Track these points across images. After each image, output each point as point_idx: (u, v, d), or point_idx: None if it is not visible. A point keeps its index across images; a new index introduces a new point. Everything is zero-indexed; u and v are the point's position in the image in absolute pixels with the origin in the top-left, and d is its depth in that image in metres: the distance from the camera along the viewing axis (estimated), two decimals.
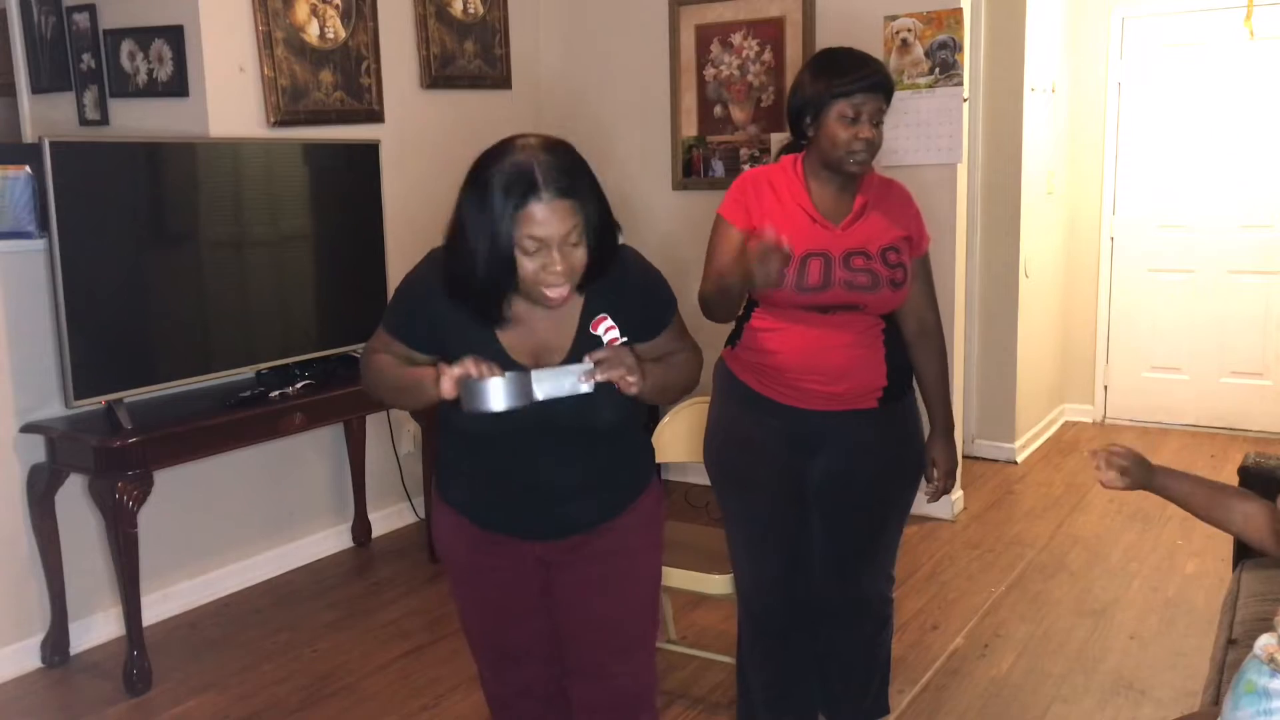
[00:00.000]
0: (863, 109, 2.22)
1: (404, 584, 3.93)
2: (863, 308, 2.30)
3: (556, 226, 1.67)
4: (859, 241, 2.28)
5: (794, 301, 2.28)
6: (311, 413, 3.61)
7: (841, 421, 2.35)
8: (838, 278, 2.26)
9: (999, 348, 5.28)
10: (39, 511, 3.24)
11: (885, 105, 2.26)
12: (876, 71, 2.25)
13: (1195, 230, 5.67)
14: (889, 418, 2.39)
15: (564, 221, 1.68)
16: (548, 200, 1.66)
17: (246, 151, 3.62)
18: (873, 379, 2.34)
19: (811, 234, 2.28)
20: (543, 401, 1.69)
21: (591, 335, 1.83)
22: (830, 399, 2.33)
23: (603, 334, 1.83)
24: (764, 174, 2.37)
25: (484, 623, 2.01)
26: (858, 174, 2.29)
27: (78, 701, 3.15)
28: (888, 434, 2.40)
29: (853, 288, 2.27)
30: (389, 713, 3.01)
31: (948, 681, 3.12)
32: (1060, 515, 4.53)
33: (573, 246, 1.70)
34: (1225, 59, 5.46)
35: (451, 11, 4.56)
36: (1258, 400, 5.62)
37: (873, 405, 2.36)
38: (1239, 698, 1.61)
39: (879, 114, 2.25)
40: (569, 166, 1.71)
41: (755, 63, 4.60)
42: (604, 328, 1.83)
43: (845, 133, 2.22)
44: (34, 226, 3.21)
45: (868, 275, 2.27)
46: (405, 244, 4.30)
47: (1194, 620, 3.46)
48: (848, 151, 2.23)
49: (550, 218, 1.67)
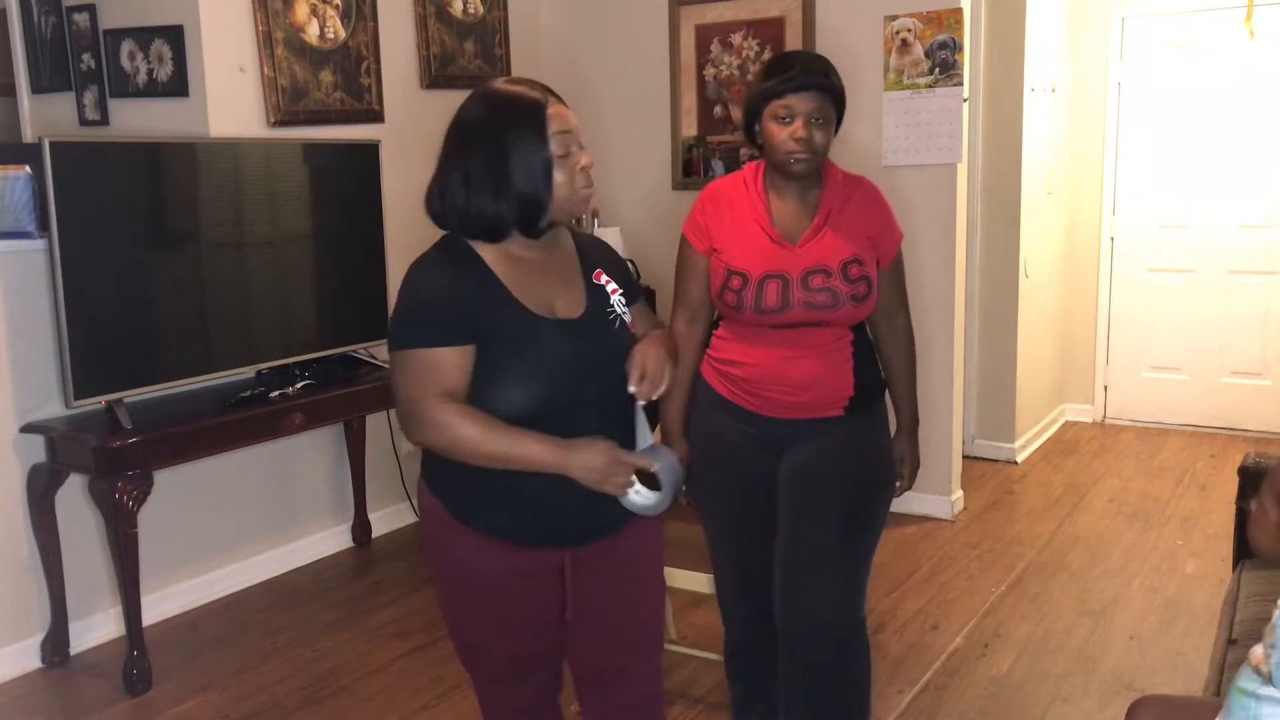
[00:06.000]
0: (796, 109, 2.18)
1: (404, 584, 3.93)
2: (826, 324, 2.26)
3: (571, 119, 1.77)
4: (817, 259, 2.23)
5: (755, 322, 2.27)
6: (311, 413, 3.61)
7: (807, 428, 2.32)
8: (796, 299, 2.22)
9: (999, 348, 5.28)
10: (39, 511, 3.24)
11: (828, 105, 2.20)
12: (808, 71, 2.20)
13: (1195, 230, 5.67)
14: (857, 426, 2.34)
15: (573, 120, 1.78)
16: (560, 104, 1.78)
17: (246, 151, 3.62)
18: (838, 389, 2.30)
19: (769, 255, 2.24)
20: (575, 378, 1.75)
21: (597, 285, 1.86)
22: (795, 408, 2.30)
23: (605, 284, 1.87)
24: (725, 189, 2.35)
25: (502, 641, 1.91)
26: (803, 175, 2.24)
27: (78, 701, 3.15)
28: (855, 442, 2.34)
29: (812, 307, 2.23)
30: (389, 713, 3.02)
31: (948, 681, 3.12)
32: (1060, 515, 4.53)
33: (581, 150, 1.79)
34: (1225, 59, 5.46)
35: (451, 11, 4.56)
36: (1258, 400, 5.62)
37: (838, 414, 2.31)
38: (1232, 704, 1.63)
39: (818, 114, 2.19)
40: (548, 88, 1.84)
41: (755, 63, 4.60)
42: (604, 279, 1.88)
43: (781, 133, 2.20)
44: (34, 226, 3.21)
45: (827, 294, 2.23)
46: (405, 244, 4.30)
47: (1194, 620, 3.46)
48: (786, 153, 2.20)
49: (571, 117, 1.78)
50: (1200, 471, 5.09)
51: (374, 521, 4.33)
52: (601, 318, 1.84)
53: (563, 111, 1.76)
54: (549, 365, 1.74)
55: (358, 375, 3.85)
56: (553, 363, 1.74)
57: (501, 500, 1.79)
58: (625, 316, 1.87)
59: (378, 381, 3.86)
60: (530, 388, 1.72)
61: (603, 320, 1.84)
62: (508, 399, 1.72)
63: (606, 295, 1.86)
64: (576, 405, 1.76)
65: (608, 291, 1.86)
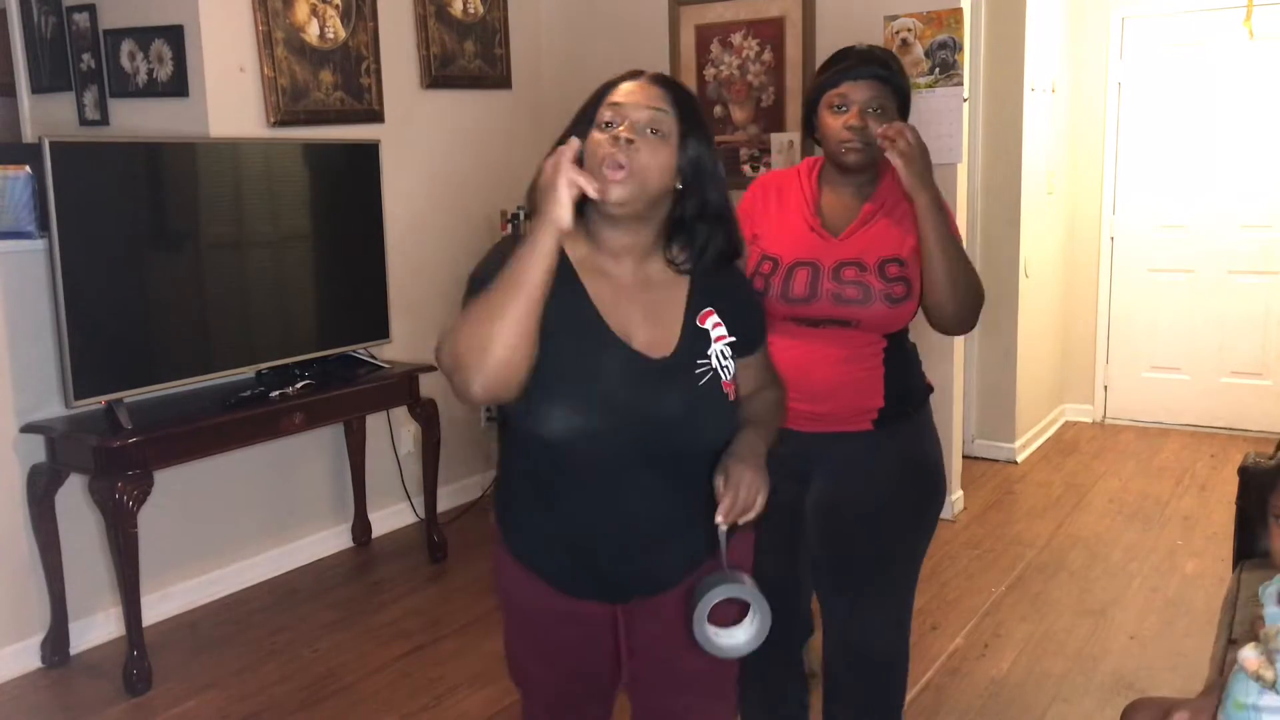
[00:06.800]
0: (850, 97, 2.10)
1: (404, 584, 3.93)
2: (855, 324, 2.11)
3: (639, 98, 1.55)
4: (855, 252, 2.12)
5: (780, 312, 2.15)
6: (311, 413, 3.61)
7: (831, 444, 2.17)
8: (825, 289, 2.11)
9: (999, 348, 5.28)
10: (39, 511, 3.24)
11: (886, 96, 2.12)
12: (865, 60, 2.13)
13: (1195, 230, 5.67)
14: (889, 440, 2.17)
15: (649, 100, 1.55)
16: (639, 80, 1.58)
17: (246, 151, 3.62)
18: (864, 400, 2.14)
19: (805, 243, 2.16)
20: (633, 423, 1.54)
21: (698, 329, 1.62)
22: (816, 419, 2.15)
23: (710, 328, 1.63)
24: (777, 179, 2.29)
25: (548, 673, 1.79)
26: (856, 167, 2.15)
27: (78, 701, 3.15)
28: (887, 460, 2.17)
29: (841, 301, 2.10)
30: (389, 713, 3.01)
31: (948, 681, 3.12)
32: (1060, 515, 4.53)
33: (654, 137, 1.53)
34: (1225, 59, 5.46)
35: (451, 11, 4.56)
36: (1258, 400, 5.62)
37: (866, 428, 2.15)
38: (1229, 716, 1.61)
39: (874, 103, 2.09)
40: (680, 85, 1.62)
41: (755, 63, 4.60)
42: (711, 322, 1.63)
43: (833, 122, 2.12)
44: (34, 226, 3.21)
45: (858, 288, 2.10)
46: (405, 244, 4.31)
47: (1194, 620, 3.46)
48: (838, 142, 2.12)
49: (635, 91, 1.56)
50: (1200, 471, 5.09)
51: (374, 521, 4.33)
52: (688, 366, 1.60)
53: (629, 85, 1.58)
54: (608, 395, 1.54)
55: (358, 375, 3.85)
56: (614, 394, 1.54)
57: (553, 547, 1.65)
58: (723, 372, 1.62)
59: (378, 381, 3.86)
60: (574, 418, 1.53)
61: (688, 369, 1.60)
62: (549, 422, 1.54)
63: (707, 341, 1.62)
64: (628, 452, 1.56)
65: (711, 337, 1.62)
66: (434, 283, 4.48)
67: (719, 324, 1.63)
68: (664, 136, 1.54)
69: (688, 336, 1.61)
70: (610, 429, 1.55)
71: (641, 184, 1.52)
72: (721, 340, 1.62)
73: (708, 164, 1.60)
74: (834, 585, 2.25)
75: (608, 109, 1.55)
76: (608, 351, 1.56)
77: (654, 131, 1.54)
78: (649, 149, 1.53)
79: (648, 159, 1.52)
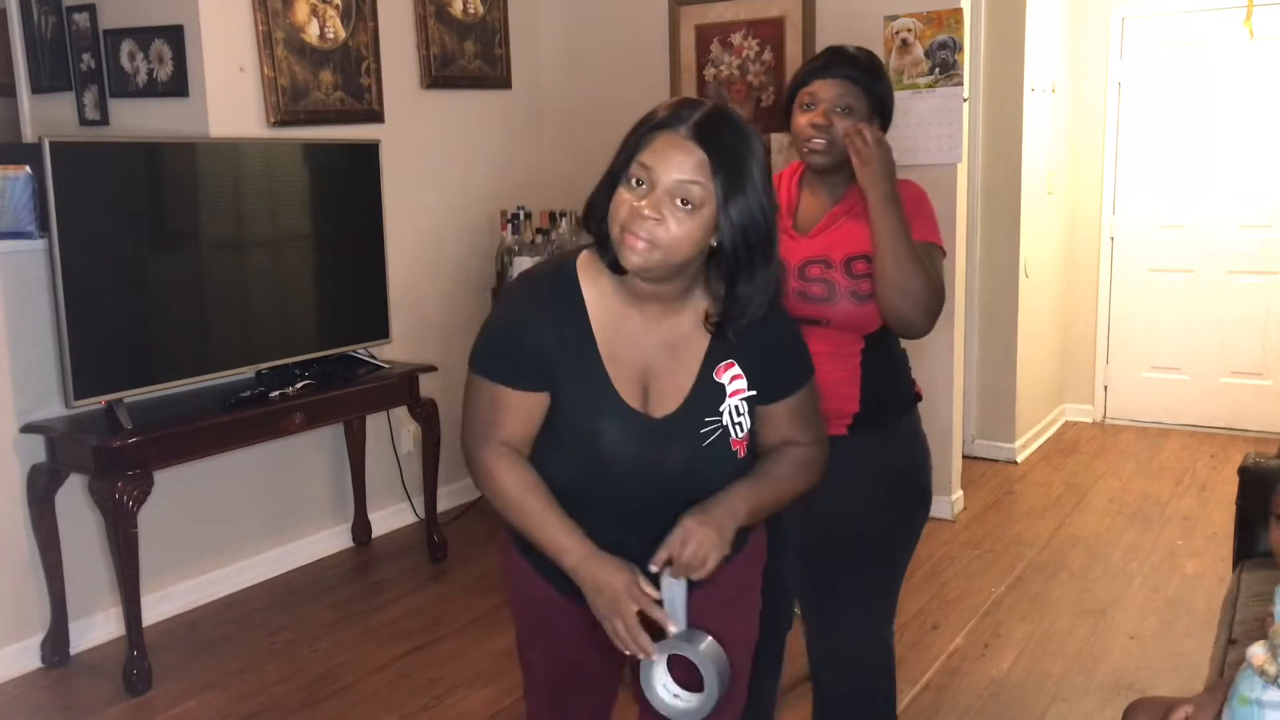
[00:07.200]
0: (818, 95, 2.07)
1: (404, 584, 3.93)
2: (825, 322, 2.08)
3: (673, 163, 1.42)
4: (820, 250, 2.09)
5: None
6: (311, 413, 3.61)
7: None
8: (791, 289, 2.06)
9: (999, 348, 5.28)
10: (39, 511, 3.24)
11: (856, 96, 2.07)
12: (837, 60, 2.10)
13: (1195, 230, 5.67)
14: (865, 449, 2.12)
15: (682, 164, 1.42)
16: (678, 134, 1.43)
17: (246, 151, 3.62)
18: (838, 403, 2.08)
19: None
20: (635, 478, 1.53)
21: (714, 382, 1.55)
22: None
23: (727, 382, 1.55)
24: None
25: (545, 664, 1.81)
26: (820, 167, 2.12)
27: (78, 701, 3.14)
28: (862, 468, 2.12)
29: (807, 299, 2.07)
30: (389, 713, 3.01)
31: (948, 681, 3.12)
32: (1060, 515, 4.53)
33: (682, 209, 1.43)
34: (1225, 59, 5.46)
35: (451, 11, 4.56)
36: (1258, 400, 5.62)
37: (841, 432, 2.09)
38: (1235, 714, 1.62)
39: (840, 102, 2.06)
40: (727, 130, 1.45)
41: (755, 63, 4.60)
42: (729, 375, 1.55)
43: (800, 120, 2.09)
44: (34, 226, 3.21)
45: (823, 286, 2.07)
46: (405, 244, 4.32)
47: (1194, 620, 3.46)
48: (803, 140, 2.09)
49: (670, 153, 1.42)
50: (1200, 471, 5.09)
51: (374, 521, 4.33)
52: (694, 423, 1.55)
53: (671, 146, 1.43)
54: (606, 452, 1.53)
55: (358, 375, 3.85)
56: (612, 450, 1.53)
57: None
58: (735, 430, 1.57)
59: (378, 381, 3.86)
60: (574, 466, 1.54)
61: (693, 426, 1.55)
62: (551, 464, 1.56)
63: (722, 396, 1.55)
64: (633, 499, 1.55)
65: (727, 391, 1.55)
66: (434, 283, 4.48)
67: (738, 375, 1.56)
68: (696, 207, 1.43)
69: (700, 390, 1.56)
70: (614, 481, 1.55)
71: (665, 257, 1.45)
72: (738, 395, 1.56)
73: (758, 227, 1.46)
74: (812, 590, 2.25)
75: (638, 166, 1.44)
76: (610, 411, 1.53)
77: (684, 202, 1.43)
78: (676, 221, 1.43)
79: (675, 232, 1.43)
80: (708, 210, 1.44)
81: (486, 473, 1.57)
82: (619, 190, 1.47)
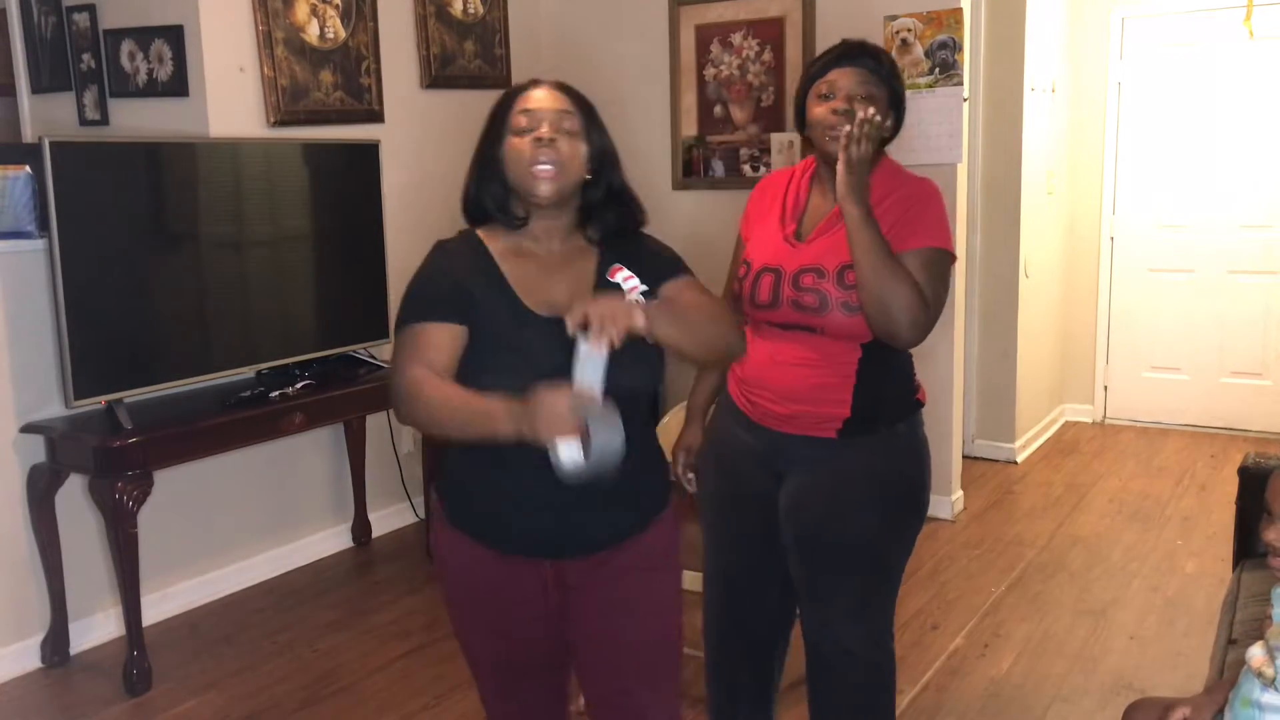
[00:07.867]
0: (837, 84, 2.08)
1: (404, 584, 3.93)
2: (820, 330, 2.08)
3: (550, 102, 1.76)
4: (814, 258, 2.09)
5: (753, 317, 2.17)
6: (311, 413, 3.61)
7: (800, 446, 2.14)
8: (785, 296, 2.09)
9: (999, 348, 5.28)
10: (39, 511, 3.24)
11: (875, 86, 2.09)
12: (854, 49, 2.11)
13: (1195, 230, 5.67)
14: (854, 453, 2.12)
15: (557, 100, 1.76)
16: (544, 86, 1.79)
17: (246, 151, 3.62)
18: (828, 407, 2.10)
19: (773, 248, 2.15)
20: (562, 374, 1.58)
21: (610, 283, 1.76)
22: (783, 420, 2.14)
23: (622, 281, 1.76)
24: (776, 180, 2.28)
25: (491, 644, 1.88)
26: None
27: (78, 701, 3.15)
28: (851, 473, 2.13)
29: (800, 308, 2.08)
30: (389, 713, 3.02)
31: (948, 681, 3.12)
32: (1060, 515, 4.53)
33: (568, 135, 1.75)
34: (1225, 59, 5.46)
35: (451, 11, 4.56)
36: (1258, 400, 5.62)
37: (830, 436, 2.11)
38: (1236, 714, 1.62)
39: (861, 88, 2.06)
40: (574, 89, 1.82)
41: (755, 63, 4.60)
42: (622, 275, 1.76)
43: (820, 109, 2.09)
44: (34, 226, 3.21)
45: (815, 296, 2.06)
46: (405, 244, 4.30)
47: (1194, 620, 3.46)
48: (825, 128, 2.08)
49: (545, 97, 1.77)
50: (1200, 471, 5.09)
51: (374, 521, 4.33)
52: None
53: (538, 93, 1.78)
54: (535, 363, 1.65)
55: (358, 375, 3.85)
56: (541, 361, 1.65)
57: (479, 499, 1.79)
58: None
59: (378, 381, 3.86)
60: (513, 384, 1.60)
61: None
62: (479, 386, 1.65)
63: (621, 294, 1.73)
64: None
65: (624, 289, 1.74)
66: None
67: (630, 276, 1.77)
68: (574, 133, 1.76)
69: (601, 291, 1.76)
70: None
71: (566, 175, 1.73)
72: (635, 290, 1.76)
73: (610, 151, 1.82)
74: (806, 593, 2.25)
75: (522, 115, 1.75)
76: (527, 324, 1.72)
77: (567, 129, 1.75)
78: (567, 143, 1.74)
79: (568, 152, 1.74)
80: (580, 140, 1.77)
81: (409, 388, 1.67)
82: (508, 141, 1.75)
